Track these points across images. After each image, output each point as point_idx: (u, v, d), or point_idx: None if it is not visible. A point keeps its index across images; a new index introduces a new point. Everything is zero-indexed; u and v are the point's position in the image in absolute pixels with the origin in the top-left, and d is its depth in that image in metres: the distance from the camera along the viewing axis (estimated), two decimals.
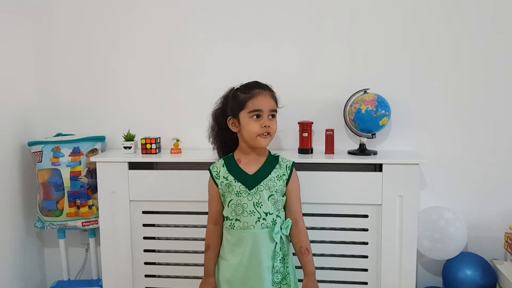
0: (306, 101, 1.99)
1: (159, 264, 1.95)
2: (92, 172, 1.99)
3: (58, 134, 2.09)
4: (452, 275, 1.83)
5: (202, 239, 1.87)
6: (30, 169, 2.09)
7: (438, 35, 1.92)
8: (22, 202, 2.06)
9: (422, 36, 1.93)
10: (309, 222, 1.76)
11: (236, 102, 1.55)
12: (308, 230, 1.60)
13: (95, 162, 1.89)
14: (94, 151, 2.02)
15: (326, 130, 1.91)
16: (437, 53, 1.93)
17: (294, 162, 1.62)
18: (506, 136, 1.93)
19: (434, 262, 2.00)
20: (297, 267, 1.61)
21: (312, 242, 1.83)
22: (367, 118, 1.81)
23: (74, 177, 1.97)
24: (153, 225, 1.92)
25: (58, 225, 2.00)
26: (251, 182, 1.54)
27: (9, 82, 1.98)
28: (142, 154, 1.94)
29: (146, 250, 1.92)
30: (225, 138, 1.64)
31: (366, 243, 1.82)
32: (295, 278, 1.58)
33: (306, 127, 1.91)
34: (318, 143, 1.96)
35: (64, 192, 1.97)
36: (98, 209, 1.92)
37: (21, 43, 2.06)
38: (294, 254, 1.61)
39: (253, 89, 1.54)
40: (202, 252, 1.86)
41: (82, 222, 2.00)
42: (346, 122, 1.93)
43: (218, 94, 1.64)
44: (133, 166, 1.89)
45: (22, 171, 2.06)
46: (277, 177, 1.57)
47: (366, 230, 1.81)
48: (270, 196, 1.54)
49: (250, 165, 1.58)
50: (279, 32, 1.99)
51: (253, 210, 1.52)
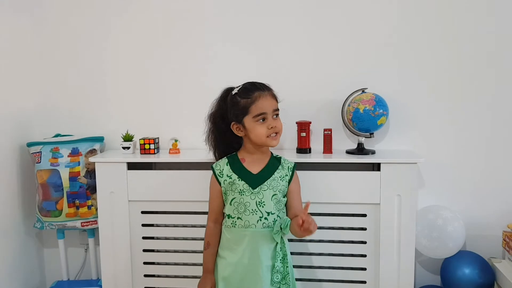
0: (304, 100, 1.99)
1: (158, 264, 1.95)
2: (91, 172, 1.99)
3: (57, 135, 2.10)
4: (450, 274, 1.83)
5: (201, 239, 1.87)
6: (29, 169, 2.09)
7: (437, 36, 1.92)
8: (21, 202, 2.07)
9: (420, 36, 1.93)
10: None
11: (237, 108, 1.53)
12: None
13: (94, 162, 1.89)
14: (93, 152, 2.02)
15: (324, 130, 1.91)
16: (435, 53, 1.93)
17: (295, 164, 1.63)
18: (504, 135, 1.94)
19: (432, 261, 2.01)
20: (295, 266, 1.61)
21: (310, 241, 1.85)
22: (365, 118, 1.82)
23: (73, 177, 1.97)
24: (152, 225, 1.93)
25: (57, 225, 2.01)
26: (255, 181, 1.55)
27: (7, 83, 1.98)
28: (141, 154, 1.94)
29: (145, 250, 1.93)
30: (224, 141, 1.64)
31: (365, 242, 1.82)
32: (293, 278, 1.58)
33: (304, 127, 1.91)
34: (316, 143, 1.96)
35: (63, 192, 1.97)
36: (97, 209, 1.93)
37: (20, 44, 2.06)
38: (292, 254, 1.62)
39: (252, 92, 1.52)
40: (201, 251, 1.87)
41: (81, 223, 2.00)
42: (344, 122, 1.93)
43: (217, 95, 1.64)
44: (131, 166, 1.89)
45: (21, 172, 2.06)
46: (280, 177, 1.58)
47: (365, 229, 1.81)
48: (273, 195, 1.55)
49: (254, 164, 1.58)
50: (277, 32, 1.99)
51: (255, 209, 1.53)
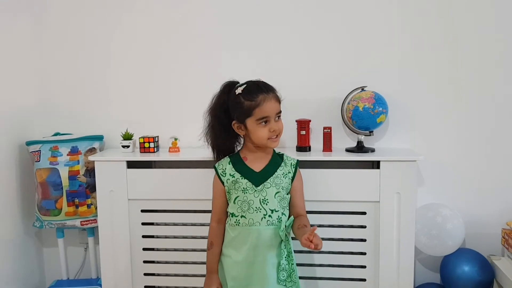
0: (303, 99, 1.99)
1: (158, 262, 1.95)
2: (90, 171, 1.99)
3: (56, 134, 2.09)
4: (449, 271, 1.84)
5: (201, 237, 1.88)
6: (28, 168, 2.09)
7: (436, 34, 1.93)
8: (21, 201, 2.06)
9: (420, 34, 1.93)
10: None
11: (240, 108, 1.52)
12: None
13: (94, 161, 1.89)
14: (92, 150, 2.02)
15: (324, 128, 1.91)
16: (434, 51, 1.93)
17: (298, 160, 1.63)
18: (503, 133, 1.94)
19: (431, 259, 2.01)
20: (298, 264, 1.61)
21: None
22: (365, 116, 1.82)
23: (73, 176, 1.97)
24: (151, 223, 1.93)
25: (57, 224, 2.00)
26: (258, 179, 1.55)
27: (7, 82, 1.98)
28: (140, 153, 1.94)
29: (145, 249, 1.93)
30: (224, 135, 1.62)
31: (364, 240, 1.83)
32: (297, 276, 1.58)
33: (304, 125, 1.91)
34: (316, 141, 1.96)
35: (62, 191, 1.97)
36: (96, 208, 1.93)
37: (19, 43, 2.05)
38: (295, 252, 1.62)
39: (256, 95, 1.50)
40: (201, 250, 1.87)
41: (81, 221, 2.00)
42: (343, 120, 1.93)
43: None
44: (131, 165, 1.89)
45: (20, 171, 2.06)
46: (283, 174, 1.58)
47: (364, 227, 1.82)
48: (276, 193, 1.55)
49: (256, 162, 1.58)
50: (277, 31, 1.99)
51: (259, 207, 1.53)
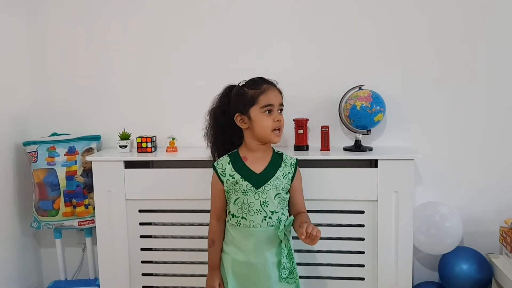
0: (301, 98, 1.99)
1: (156, 262, 1.94)
2: (87, 171, 1.98)
3: (53, 134, 2.09)
4: (448, 270, 1.84)
5: (199, 237, 1.88)
6: (25, 169, 2.08)
7: (433, 32, 1.93)
8: (18, 202, 2.06)
9: (417, 33, 1.93)
10: None
11: (245, 98, 1.54)
12: None
13: (91, 161, 1.88)
14: (89, 150, 2.02)
15: (322, 127, 1.91)
16: (431, 49, 1.94)
17: (297, 160, 1.63)
18: (501, 131, 1.94)
19: (430, 257, 2.01)
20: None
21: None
22: (362, 115, 1.82)
23: (70, 176, 1.97)
24: (149, 223, 1.92)
25: (54, 225, 2.00)
26: (259, 181, 1.55)
27: (3, 82, 1.97)
28: (138, 152, 1.94)
29: (142, 249, 1.92)
30: (223, 137, 1.63)
31: (363, 239, 1.82)
32: (297, 274, 1.58)
33: (301, 124, 1.91)
34: (314, 140, 1.96)
35: (60, 191, 1.96)
36: (94, 208, 1.92)
37: (15, 43, 2.05)
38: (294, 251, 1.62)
39: (261, 84, 1.55)
40: (199, 250, 1.87)
41: (79, 222, 1.99)
42: (341, 119, 1.93)
43: (214, 92, 1.64)
44: (129, 165, 1.88)
45: (17, 171, 2.06)
46: (283, 175, 1.57)
47: (362, 226, 1.82)
48: (276, 194, 1.55)
49: (257, 163, 1.58)
50: (275, 30, 1.99)
51: (259, 209, 1.53)
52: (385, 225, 1.78)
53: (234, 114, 1.57)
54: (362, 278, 1.84)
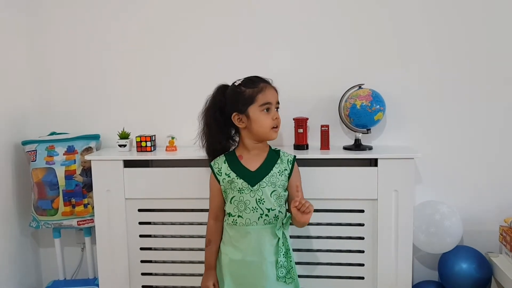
0: (301, 97, 1.98)
1: (156, 262, 1.94)
2: (87, 170, 1.98)
3: (52, 133, 2.08)
4: (447, 269, 1.84)
5: (199, 237, 1.87)
6: (24, 168, 2.08)
7: (433, 31, 1.93)
8: (17, 201, 2.05)
9: (417, 32, 1.93)
10: None
11: (242, 97, 1.53)
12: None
13: (90, 160, 1.88)
14: (88, 150, 2.01)
15: (321, 126, 1.91)
16: (431, 49, 1.93)
17: (295, 156, 1.63)
18: (500, 130, 1.94)
19: (429, 256, 2.01)
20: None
21: (308, 237, 1.85)
22: (362, 113, 1.81)
23: (69, 176, 1.96)
24: (149, 223, 1.92)
25: (53, 224, 1.99)
26: (254, 178, 1.54)
27: (2, 81, 1.97)
28: (137, 152, 1.93)
29: (142, 248, 1.92)
30: (219, 136, 1.62)
31: (362, 238, 1.82)
32: (296, 273, 1.58)
33: (301, 123, 1.91)
34: (314, 139, 1.96)
35: (59, 191, 1.96)
36: (93, 207, 1.92)
37: (14, 42, 2.04)
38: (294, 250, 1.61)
39: (258, 83, 1.55)
40: (198, 249, 1.87)
41: (78, 221, 1.99)
42: (341, 118, 1.93)
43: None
44: (128, 164, 1.88)
45: (16, 171, 2.05)
46: (279, 172, 1.57)
47: (362, 225, 1.81)
48: (272, 191, 1.54)
49: (252, 161, 1.58)
50: (275, 30, 1.99)
51: (255, 207, 1.53)
52: (385, 224, 1.78)
53: (231, 114, 1.56)
54: (362, 277, 1.84)
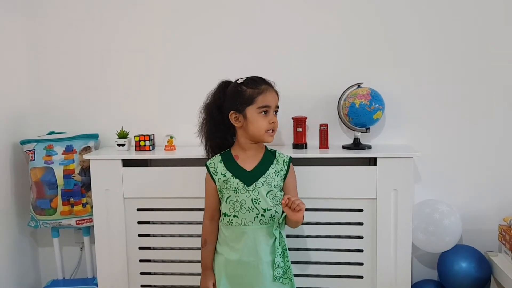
0: (300, 96, 1.98)
1: (155, 261, 1.94)
2: (85, 170, 1.97)
3: (51, 132, 2.08)
4: (447, 268, 1.83)
5: (198, 236, 1.87)
6: (22, 168, 2.07)
7: (432, 31, 1.92)
8: (15, 201, 2.05)
9: (416, 31, 1.93)
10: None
11: (242, 97, 1.52)
12: (303, 225, 1.60)
13: (89, 160, 1.87)
14: (87, 149, 2.01)
15: (320, 125, 1.91)
16: (430, 47, 1.93)
17: (291, 157, 1.62)
18: (500, 129, 1.94)
19: (429, 255, 2.01)
20: (292, 262, 1.61)
21: (307, 236, 1.84)
22: (361, 112, 1.81)
23: (68, 175, 1.96)
24: (148, 222, 1.92)
25: (52, 223, 1.99)
26: (249, 178, 1.54)
27: (1, 81, 1.96)
28: (136, 151, 1.93)
29: (141, 248, 1.91)
30: (218, 133, 1.61)
31: (361, 237, 1.82)
32: (292, 273, 1.57)
33: (300, 122, 1.90)
34: (313, 138, 1.95)
35: (57, 190, 1.95)
36: (92, 207, 1.91)
37: (12, 41, 2.04)
38: (289, 249, 1.61)
39: (260, 84, 1.53)
40: (197, 248, 1.86)
41: (76, 221, 1.99)
42: (340, 117, 1.93)
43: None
44: (127, 163, 1.88)
45: (15, 170, 2.05)
46: (274, 172, 1.56)
47: (361, 224, 1.81)
48: (268, 192, 1.53)
49: (248, 161, 1.57)
50: (273, 28, 1.98)
51: (251, 207, 1.52)
52: (384, 223, 1.78)
53: (229, 111, 1.55)
54: (361, 276, 1.84)
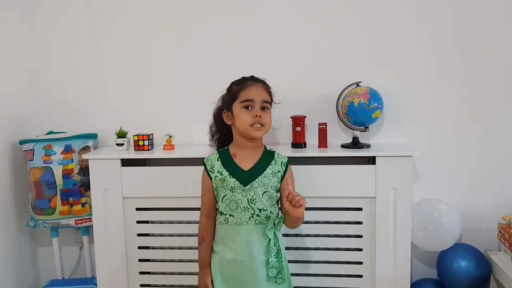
0: (298, 95, 1.98)
1: (154, 260, 1.94)
2: (84, 169, 1.97)
3: (50, 132, 2.08)
4: (446, 267, 1.83)
5: (197, 235, 1.86)
6: (21, 167, 2.07)
7: (431, 30, 1.92)
8: (14, 201, 2.05)
9: (415, 30, 1.93)
10: None
11: (230, 94, 1.57)
12: (302, 224, 1.59)
13: (88, 159, 1.87)
14: (86, 149, 2.01)
15: (319, 124, 1.90)
16: (430, 47, 1.93)
17: (289, 159, 1.62)
18: (499, 128, 1.94)
19: (428, 254, 2.01)
20: (291, 261, 1.61)
21: (306, 236, 1.84)
22: (360, 111, 1.81)
23: (67, 175, 1.96)
24: (146, 221, 1.92)
25: (51, 223, 1.99)
26: (246, 178, 1.53)
27: None
28: (135, 150, 1.93)
29: (140, 247, 1.91)
30: (222, 136, 1.65)
31: (361, 236, 1.82)
32: (288, 273, 1.58)
33: (299, 121, 1.90)
34: (311, 137, 1.95)
35: (56, 190, 1.95)
36: (91, 206, 1.91)
37: (11, 41, 2.04)
38: (287, 248, 1.61)
39: (246, 81, 1.56)
40: (196, 248, 1.86)
41: (75, 220, 1.98)
42: (339, 116, 1.92)
43: (211, 91, 1.65)
44: (125, 163, 1.88)
45: (14, 170, 2.04)
46: (272, 173, 1.56)
47: (360, 223, 1.81)
48: (264, 192, 1.53)
49: (246, 160, 1.57)
50: (272, 27, 1.98)
51: (247, 207, 1.52)
52: (383, 222, 1.78)
53: (222, 111, 1.59)
54: (360, 275, 1.84)
